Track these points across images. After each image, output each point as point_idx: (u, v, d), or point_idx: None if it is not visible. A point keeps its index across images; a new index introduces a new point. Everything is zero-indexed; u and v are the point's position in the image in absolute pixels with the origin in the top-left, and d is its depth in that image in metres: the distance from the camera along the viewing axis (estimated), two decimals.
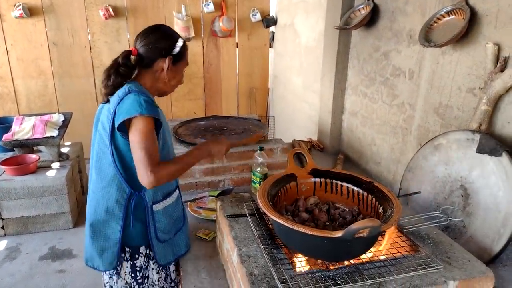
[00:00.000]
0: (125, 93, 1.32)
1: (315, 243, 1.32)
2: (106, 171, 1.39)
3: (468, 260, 1.43)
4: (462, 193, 1.79)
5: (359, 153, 2.96)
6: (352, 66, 2.99)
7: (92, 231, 1.43)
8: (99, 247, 1.43)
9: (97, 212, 1.42)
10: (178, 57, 1.44)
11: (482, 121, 1.76)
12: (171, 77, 1.45)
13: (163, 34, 1.44)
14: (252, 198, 1.87)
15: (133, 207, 1.40)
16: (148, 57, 1.40)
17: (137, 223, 1.44)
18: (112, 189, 1.39)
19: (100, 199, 1.41)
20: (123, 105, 1.29)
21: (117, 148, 1.35)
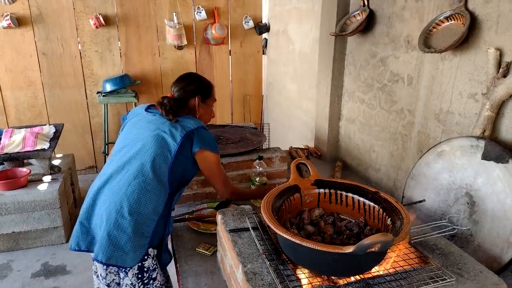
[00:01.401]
0: (199, 125, 1.71)
1: (324, 259, 1.27)
2: (163, 175, 1.63)
3: (480, 271, 1.39)
4: (468, 200, 1.76)
5: (358, 160, 2.93)
6: (348, 72, 2.96)
7: (136, 227, 1.56)
8: (137, 243, 1.56)
9: (147, 208, 1.59)
10: (206, 95, 1.84)
11: (486, 127, 1.74)
12: (203, 112, 1.84)
13: (192, 79, 1.86)
14: (255, 211, 1.82)
15: (167, 208, 1.67)
16: (182, 98, 1.81)
17: (161, 222, 1.66)
18: (163, 190, 1.64)
19: (153, 197, 1.61)
20: (203, 136, 1.70)
21: (178, 159, 1.65)
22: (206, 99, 1.84)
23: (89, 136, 4.51)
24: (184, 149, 1.66)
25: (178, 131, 1.66)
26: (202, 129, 1.70)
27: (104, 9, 4.29)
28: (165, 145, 1.65)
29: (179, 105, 1.77)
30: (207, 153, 1.71)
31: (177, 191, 1.73)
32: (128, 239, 1.55)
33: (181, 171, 1.70)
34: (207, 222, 2.25)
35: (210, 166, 1.76)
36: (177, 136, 1.65)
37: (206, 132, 1.72)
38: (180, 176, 1.71)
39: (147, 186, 1.61)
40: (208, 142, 1.71)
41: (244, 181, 2.48)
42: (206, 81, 1.88)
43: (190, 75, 1.88)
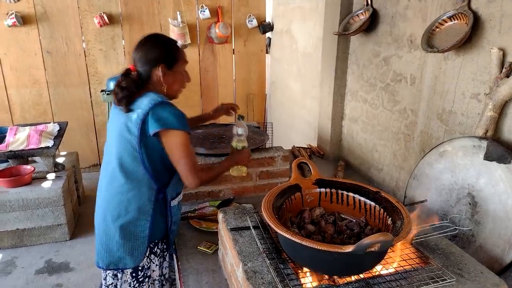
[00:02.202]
0: (153, 102, 1.43)
1: (324, 258, 1.27)
2: (136, 172, 1.49)
3: (480, 272, 1.39)
4: (470, 201, 1.76)
5: (360, 160, 2.93)
6: (351, 72, 2.96)
7: (123, 233, 1.50)
8: (130, 246, 1.52)
9: (129, 212, 1.50)
10: (171, 61, 1.52)
11: (488, 127, 1.73)
12: (171, 82, 1.54)
13: (152, 44, 1.53)
14: (255, 209, 1.82)
15: (159, 203, 1.55)
16: (144, 69, 1.52)
17: (160, 217, 1.58)
18: (143, 188, 1.50)
19: (132, 199, 1.50)
20: (158, 114, 1.42)
21: (147, 150, 1.47)
22: (173, 66, 1.52)
23: (93, 134, 4.53)
24: (146, 137, 1.46)
25: (133, 121, 1.45)
26: (157, 107, 1.43)
27: (109, 8, 4.30)
28: (127, 141, 1.47)
29: (138, 84, 1.50)
30: (165, 132, 1.44)
31: (169, 180, 1.58)
32: (120, 246, 1.53)
33: (159, 160, 1.51)
34: (209, 221, 2.26)
35: (171, 147, 1.47)
36: (132, 128, 1.45)
37: (162, 109, 1.44)
38: (162, 164, 1.53)
39: (123, 189, 1.51)
40: (165, 120, 1.43)
41: (246, 180, 2.49)
42: (170, 42, 1.57)
43: (150, 38, 1.55)
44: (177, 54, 1.54)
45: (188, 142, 1.49)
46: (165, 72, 1.51)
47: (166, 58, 1.50)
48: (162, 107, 1.44)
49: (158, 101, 1.44)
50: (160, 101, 1.45)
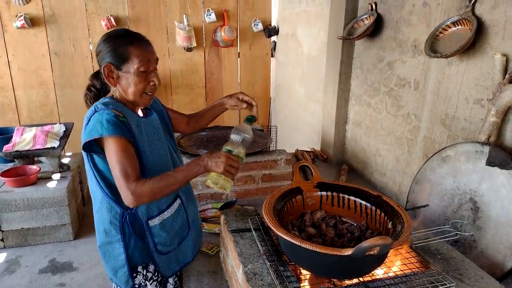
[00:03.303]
0: (92, 113, 1.23)
1: (324, 261, 1.28)
2: (95, 193, 1.32)
3: (481, 277, 1.39)
4: (472, 206, 1.75)
5: (364, 164, 2.93)
6: (355, 76, 2.97)
7: (102, 253, 1.39)
8: (111, 267, 1.38)
9: (100, 234, 1.36)
10: (119, 60, 1.25)
11: (491, 133, 1.73)
12: (124, 85, 1.27)
13: (101, 40, 1.30)
14: (257, 212, 1.83)
15: (128, 226, 1.31)
16: (100, 69, 1.29)
17: (138, 241, 1.34)
18: (103, 211, 1.30)
19: (98, 222, 1.35)
20: (88, 126, 1.22)
21: (97, 169, 1.27)
22: (121, 65, 1.25)
23: None
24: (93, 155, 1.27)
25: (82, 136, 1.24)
26: (94, 117, 1.22)
27: (116, 10, 4.35)
28: (85, 162, 1.31)
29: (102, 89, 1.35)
30: (100, 143, 1.22)
31: None
32: (105, 265, 1.41)
33: None
34: (211, 222, 2.28)
35: (107, 158, 1.22)
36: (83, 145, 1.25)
37: (96, 117, 1.21)
38: None
39: (94, 209, 1.38)
40: (91, 129, 1.20)
41: (249, 182, 2.50)
42: (121, 36, 1.27)
43: (103, 36, 1.31)
44: (127, 51, 1.23)
45: (119, 148, 1.19)
46: (112, 73, 1.25)
47: (112, 56, 1.24)
48: (95, 116, 1.21)
49: (92, 112, 1.23)
50: (94, 110, 1.23)
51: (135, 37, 1.28)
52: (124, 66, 1.24)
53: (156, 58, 1.32)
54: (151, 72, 1.29)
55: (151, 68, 1.28)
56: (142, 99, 1.30)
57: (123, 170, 1.18)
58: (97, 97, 1.34)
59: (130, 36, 1.28)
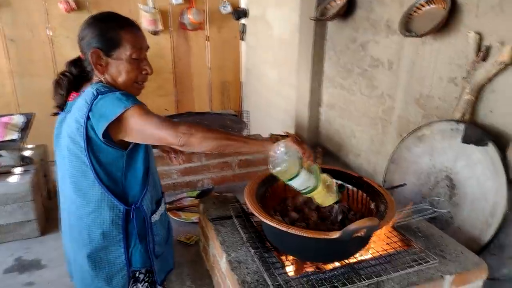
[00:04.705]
0: (93, 96, 1.10)
1: (310, 245, 1.25)
2: (91, 192, 1.16)
3: (461, 252, 1.42)
4: (448, 183, 1.78)
5: (338, 146, 2.93)
6: (328, 58, 2.94)
7: (92, 262, 1.21)
8: (105, 275, 1.23)
9: (92, 239, 1.20)
10: (109, 45, 1.14)
11: (466, 110, 1.75)
12: (114, 72, 1.16)
13: (87, 24, 1.18)
14: (237, 199, 1.79)
15: (134, 223, 1.21)
16: (85, 57, 1.18)
17: (139, 241, 1.24)
18: (103, 210, 1.17)
19: (92, 225, 1.19)
20: (99, 111, 1.08)
21: (100, 162, 1.14)
22: (111, 51, 1.14)
23: None
24: (95, 145, 1.13)
25: (75, 130, 1.12)
26: (97, 103, 1.10)
27: None
28: (74, 156, 1.15)
29: (79, 76, 1.21)
30: (117, 124, 1.09)
31: (144, 190, 1.23)
32: (93, 277, 1.24)
33: (120, 170, 1.18)
34: (188, 211, 2.22)
35: (133, 130, 1.11)
36: (77, 138, 1.12)
37: (102, 100, 1.10)
38: (126, 175, 1.20)
39: (81, 213, 1.22)
40: (109, 110, 1.08)
41: (225, 169, 2.45)
42: (111, 20, 1.17)
43: (90, 17, 1.20)
44: (118, 36, 1.14)
45: (145, 111, 1.11)
46: (101, 59, 1.14)
47: (101, 41, 1.13)
48: (102, 98, 1.10)
49: (94, 96, 1.10)
50: (96, 94, 1.11)
51: (125, 21, 1.18)
52: (115, 52, 1.15)
53: (147, 46, 1.23)
54: (143, 60, 1.20)
55: (143, 55, 1.20)
56: (132, 89, 1.20)
57: (163, 119, 1.11)
58: (72, 83, 1.21)
59: (120, 20, 1.18)
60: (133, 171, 1.21)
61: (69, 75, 1.22)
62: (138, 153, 1.20)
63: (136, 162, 1.21)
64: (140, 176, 1.21)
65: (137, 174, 1.21)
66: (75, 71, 1.23)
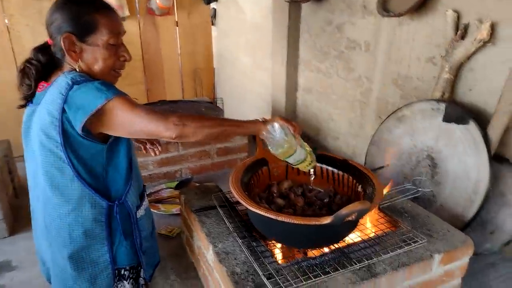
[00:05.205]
0: (68, 87, 1.00)
1: (299, 232, 1.22)
2: (70, 189, 1.07)
3: (447, 230, 1.42)
4: (429, 163, 1.79)
5: (316, 130, 2.92)
6: (303, 41, 2.89)
7: (74, 263, 1.14)
8: (88, 275, 1.16)
9: (74, 239, 1.11)
10: (83, 30, 1.04)
11: (445, 89, 1.76)
12: (89, 59, 1.06)
13: (57, 8, 1.06)
14: (219, 188, 1.73)
15: (118, 220, 1.14)
16: (55, 42, 1.07)
17: (124, 237, 1.17)
18: (84, 208, 1.09)
19: (73, 224, 1.10)
20: (76, 102, 0.99)
21: (78, 156, 1.05)
22: (86, 36, 1.04)
23: None
24: (72, 139, 1.03)
25: (48, 123, 1.02)
26: (73, 93, 0.99)
27: None
28: (49, 151, 1.04)
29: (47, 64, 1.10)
30: (98, 117, 1.00)
31: (128, 184, 1.16)
32: (75, 278, 1.17)
33: (100, 164, 1.10)
34: (167, 203, 2.14)
35: (117, 123, 1.02)
36: (51, 133, 1.02)
37: (80, 91, 1.00)
38: (108, 169, 1.12)
39: (60, 212, 1.13)
40: (88, 101, 0.98)
41: (204, 158, 2.37)
42: (85, 2, 1.07)
43: (58, 1, 1.08)
44: (94, 20, 1.04)
45: (130, 103, 1.03)
46: (74, 45, 1.04)
47: (74, 25, 1.03)
48: (79, 89, 1.00)
49: (69, 86, 1.00)
50: (71, 84, 1.00)
51: (101, 4, 1.08)
52: (90, 37, 1.05)
53: (124, 30, 1.12)
54: (120, 46, 1.11)
55: (120, 41, 1.11)
56: (109, 77, 1.11)
57: (152, 110, 1.03)
58: (40, 72, 1.10)
59: (95, 2, 1.08)
60: (115, 165, 1.13)
61: (36, 63, 1.11)
62: (119, 146, 1.13)
63: (118, 155, 1.13)
64: (123, 170, 1.14)
65: (119, 168, 1.14)
66: (43, 58, 1.11)
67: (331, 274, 1.20)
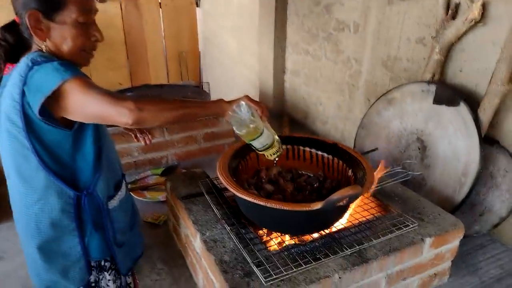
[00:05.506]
0: (28, 68, 0.94)
1: (290, 218, 1.19)
2: (35, 178, 1.01)
3: (438, 214, 1.41)
4: (419, 145, 1.78)
5: (305, 114, 2.88)
6: (291, 22, 2.82)
7: (44, 254, 1.09)
8: (59, 267, 1.11)
9: (41, 230, 1.06)
10: (51, 6, 0.96)
11: (435, 71, 1.73)
12: (57, 39, 0.98)
13: None
14: (206, 174, 1.68)
15: (86, 210, 1.08)
16: (21, 21, 0.99)
17: (95, 229, 1.11)
18: (51, 198, 1.03)
19: (40, 214, 1.04)
20: (34, 83, 0.93)
21: (42, 143, 0.99)
22: (54, 13, 0.96)
23: None
24: (35, 124, 0.96)
25: (10, 108, 0.96)
26: (33, 75, 0.93)
27: None
28: (13, 138, 0.99)
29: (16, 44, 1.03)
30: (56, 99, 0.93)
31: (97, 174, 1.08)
32: (46, 269, 1.12)
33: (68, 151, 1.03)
34: (153, 190, 2.09)
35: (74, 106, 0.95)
36: (14, 117, 0.96)
37: (38, 72, 0.93)
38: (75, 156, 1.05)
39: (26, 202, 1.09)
40: (45, 81, 0.92)
41: (190, 143, 2.32)
42: None
43: None
44: None
45: (86, 84, 0.94)
46: (40, 23, 0.96)
47: (40, 2, 0.96)
48: (38, 70, 0.93)
49: (29, 67, 0.93)
50: (31, 65, 0.94)
51: None
52: (58, 15, 0.96)
53: (96, 8, 1.04)
54: (91, 24, 1.03)
55: (91, 19, 1.02)
56: (80, 58, 1.03)
57: (107, 94, 0.94)
58: (9, 53, 1.02)
59: None
60: (82, 153, 1.06)
61: (4, 44, 1.03)
62: (86, 133, 1.05)
63: (85, 143, 1.05)
64: (90, 159, 1.07)
65: (86, 156, 1.06)
66: (11, 38, 1.03)
67: (322, 260, 1.17)
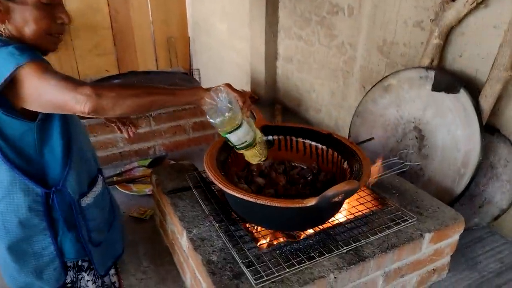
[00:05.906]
0: None
1: (282, 214, 1.11)
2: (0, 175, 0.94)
3: (437, 207, 1.35)
4: (416, 135, 1.70)
5: (298, 101, 2.79)
6: (283, 6, 2.71)
7: (14, 255, 1.02)
8: (32, 268, 1.04)
9: (9, 230, 0.99)
10: None
11: (434, 56, 1.64)
12: (18, 21, 0.89)
13: None
14: (195, 166, 1.60)
15: (56, 208, 1.00)
16: None
17: (68, 229, 1.04)
18: (16, 195, 0.96)
19: (5, 212, 0.97)
20: None
21: (4, 137, 0.91)
22: None
23: None
24: None
25: None
26: None
27: None
28: None
29: None
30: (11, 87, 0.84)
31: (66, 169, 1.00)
32: (18, 270, 1.06)
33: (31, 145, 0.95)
34: (140, 183, 2.00)
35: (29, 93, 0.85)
36: None
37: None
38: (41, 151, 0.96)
39: None
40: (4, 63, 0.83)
41: (179, 133, 2.22)
42: None
43: None
44: None
45: (42, 69, 0.85)
46: None
47: None
48: None
49: None
50: None
51: None
52: None
53: None
54: (57, 6, 0.93)
55: (56, 0, 0.92)
56: (45, 43, 0.93)
57: (64, 79, 0.84)
58: None
59: None
60: (49, 147, 0.97)
61: None
62: (52, 124, 0.96)
63: (51, 135, 0.96)
64: (58, 153, 0.98)
65: (54, 150, 0.98)
66: None
67: (316, 259, 1.10)
